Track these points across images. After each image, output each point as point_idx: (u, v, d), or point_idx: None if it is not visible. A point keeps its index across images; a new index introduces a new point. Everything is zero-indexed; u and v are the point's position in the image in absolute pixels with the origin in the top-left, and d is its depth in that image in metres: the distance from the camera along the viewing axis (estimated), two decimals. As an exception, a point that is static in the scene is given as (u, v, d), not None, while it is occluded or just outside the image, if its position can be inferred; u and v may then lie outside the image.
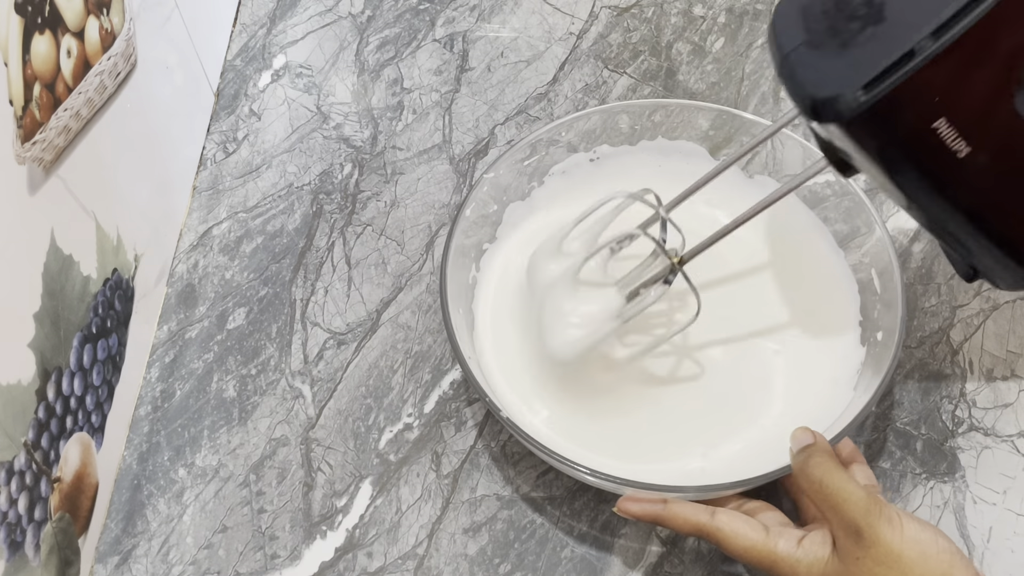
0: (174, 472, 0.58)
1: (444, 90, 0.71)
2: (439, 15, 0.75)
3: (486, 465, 0.57)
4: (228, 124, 0.71)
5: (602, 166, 0.62)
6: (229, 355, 0.61)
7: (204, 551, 0.55)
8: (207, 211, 0.67)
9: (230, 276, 0.64)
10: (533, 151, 0.61)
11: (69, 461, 0.51)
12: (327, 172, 0.68)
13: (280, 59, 0.74)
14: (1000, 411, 0.57)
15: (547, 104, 0.70)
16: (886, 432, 0.56)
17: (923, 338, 0.59)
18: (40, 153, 0.48)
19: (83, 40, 0.52)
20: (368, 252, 0.65)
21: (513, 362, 0.57)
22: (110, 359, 0.56)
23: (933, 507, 0.54)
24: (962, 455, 0.55)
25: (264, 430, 0.59)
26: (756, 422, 0.55)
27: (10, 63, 0.45)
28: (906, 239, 0.63)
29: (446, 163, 0.68)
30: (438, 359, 0.60)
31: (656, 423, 0.55)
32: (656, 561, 0.53)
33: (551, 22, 0.74)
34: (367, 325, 0.62)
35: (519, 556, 0.54)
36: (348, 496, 0.56)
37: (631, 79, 0.71)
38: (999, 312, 0.60)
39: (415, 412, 0.59)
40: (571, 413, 0.55)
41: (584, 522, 0.55)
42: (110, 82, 0.55)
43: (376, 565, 0.54)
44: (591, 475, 0.50)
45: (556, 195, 0.62)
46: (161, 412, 0.60)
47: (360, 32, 0.75)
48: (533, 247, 0.60)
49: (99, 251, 0.54)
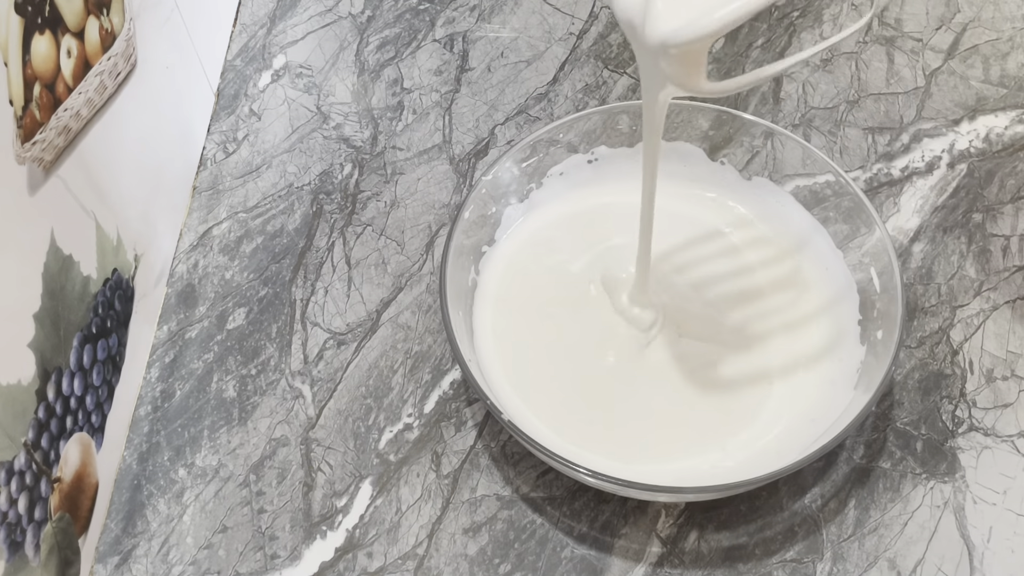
0: (174, 472, 0.58)
1: (444, 90, 0.71)
2: (439, 15, 0.75)
3: (486, 465, 0.57)
4: (228, 124, 0.71)
5: (600, 168, 0.62)
6: (229, 355, 0.61)
7: (204, 551, 0.55)
8: (207, 211, 0.67)
9: (230, 276, 0.64)
10: (533, 151, 0.61)
11: (69, 461, 0.51)
12: (327, 172, 0.68)
13: (280, 59, 0.74)
14: (1000, 411, 0.57)
15: (547, 104, 0.70)
16: (886, 432, 0.56)
17: (923, 338, 0.59)
18: (40, 153, 0.48)
19: (83, 40, 0.52)
20: (368, 252, 0.65)
21: (514, 363, 0.57)
22: (110, 359, 0.56)
23: (933, 507, 0.54)
24: (962, 455, 0.55)
25: (264, 430, 0.59)
26: (755, 422, 0.55)
27: (10, 63, 0.45)
28: (906, 239, 0.63)
29: (446, 163, 0.68)
30: (438, 359, 0.60)
31: (654, 424, 0.55)
32: (656, 561, 0.53)
33: (551, 22, 0.74)
34: (367, 325, 0.62)
35: (519, 556, 0.54)
36: (348, 496, 0.56)
37: (631, 79, 0.71)
38: (999, 312, 0.60)
39: (415, 412, 0.59)
40: (572, 414, 0.55)
41: (584, 522, 0.55)
42: (110, 82, 0.55)
43: (376, 565, 0.54)
44: (592, 476, 0.50)
45: (555, 196, 0.62)
46: (161, 412, 0.60)
47: (360, 32, 0.75)
48: (532, 249, 0.60)
49: (99, 251, 0.54)
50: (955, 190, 0.65)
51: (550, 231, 0.62)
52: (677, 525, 0.54)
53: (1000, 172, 0.65)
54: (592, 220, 0.62)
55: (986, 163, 0.66)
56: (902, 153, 0.66)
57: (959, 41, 0.72)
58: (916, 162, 0.66)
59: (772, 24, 0.73)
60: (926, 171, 0.66)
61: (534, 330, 0.58)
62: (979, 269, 0.62)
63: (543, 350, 0.58)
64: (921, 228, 0.63)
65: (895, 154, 0.66)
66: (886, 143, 0.67)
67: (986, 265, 0.62)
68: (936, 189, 0.65)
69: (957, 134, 0.67)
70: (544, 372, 0.57)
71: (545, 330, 0.58)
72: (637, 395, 0.56)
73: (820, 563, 0.53)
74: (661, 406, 0.56)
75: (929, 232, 0.63)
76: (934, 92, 0.69)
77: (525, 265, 0.60)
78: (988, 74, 0.70)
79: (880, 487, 0.55)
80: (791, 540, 0.54)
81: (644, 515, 0.55)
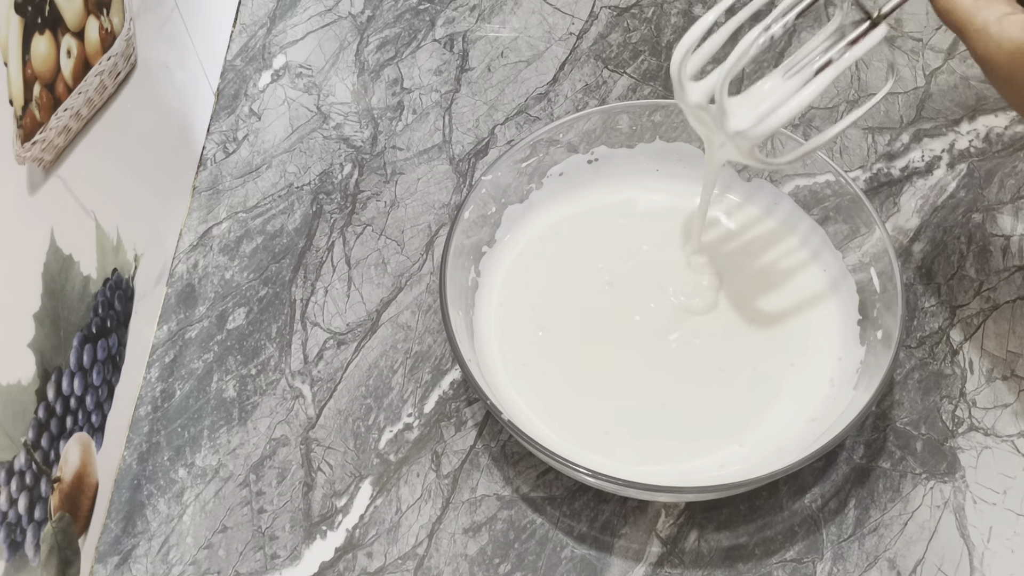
0: (174, 472, 0.58)
1: (444, 90, 0.71)
2: (439, 15, 0.75)
3: (486, 465, 0.57)
4: (228, 124, 0.71)
5: (600, 168, 0.62)
6: (229, 355, 0.61)
7: (204, 551, 0.55)
8: (207, 211, 0.67)
9: (230, 276, 0.64)
10: (533, 151, 0.61)
11: (69, 461, 0.51)
12: (327, 172, 0.68)
13: (280, 59, 0.74)
14: (1000, 411, 0.57)
15: (547, 104, 0.70)
16: (886, 432, 0.56)
17: (923, 338, 0.59)
18: (40, 153, 0.48)
19: (83, 40, 0.52)
20: (368, 252, 0.65)
21: (514, 362, 0.57)
22: (110, 359, 0.56)
23: (933, 507, 0.54)
24: (962, 455, 0.55)
25: (264, 430, 0.59)
26: (754, 422, 0.55)
27: (10, 63, 0.45)
28: (906, 239, 0.63)
29: (446, 163, 0.68)
30: (438, 359, 0.60)
31: (654, 424, 0.55)
32: (656, 561, 0.53)
33: (551, 22, 0.74)
34: (367, 325, 0.62)
35: (519, 556, 0.54)
36: (348, 496, 0.56)
37: (631, 79, 0.71)
38: (999, 312, 0.60)
39: (415, 412, 0.59)
40: (572, 414, 0.55)
41: (584, 522, 0.55)
42: (110, 82, 0.55)
43: (376, 565, 0.54)
44: (592, 476, 0.50)
45: (554, 196, 0.62)
46: (161, 412, 0.60)
47: (360, 32, 0.75)
48: (532, 249, 0.60)
49: (99, 251, 0.54)
50: (955, 190, 0.65)
51: (550, 231, 0.62)
52: (677, 525, 0.54)
53: (1000, 172, 0.65)
54: (592, 220, 0.62)
55: (986, 163, 0.66)
56: (902, 153, 0.66)
57: (959, 41, 0.72)
58: (916, 162, 0.66)
59: (772, 24, 0.73)
60: (926, 171, 0.66)
61: (534, 330, 0.58)
62: (979, 269, 0.62)
63: (543, 350, 0.58)
64: (921, 228, 0.63)
65: (895, 154, 0.66)
66: (886, 143, 0.67)
67: (986, 265, 0.62)
68: (936, 189, 0.65)
69: (957, 134, 0.67)
70: (544, 372, 0.57)
71: (545, 330, 0.58)
72: (637, 395, 0.56)
73: (820, 563, 0.53)
74: (661, 407, 0.56)
75: (929, 232, 0.63)
76: (934, 92, 0.69)
77: (525, 265, 0.60)
78: (988, 74, 0.70)
79: (880, 487, 0.55)
80: (791, 540, 0.54)
81: (644, 515, 0.55)
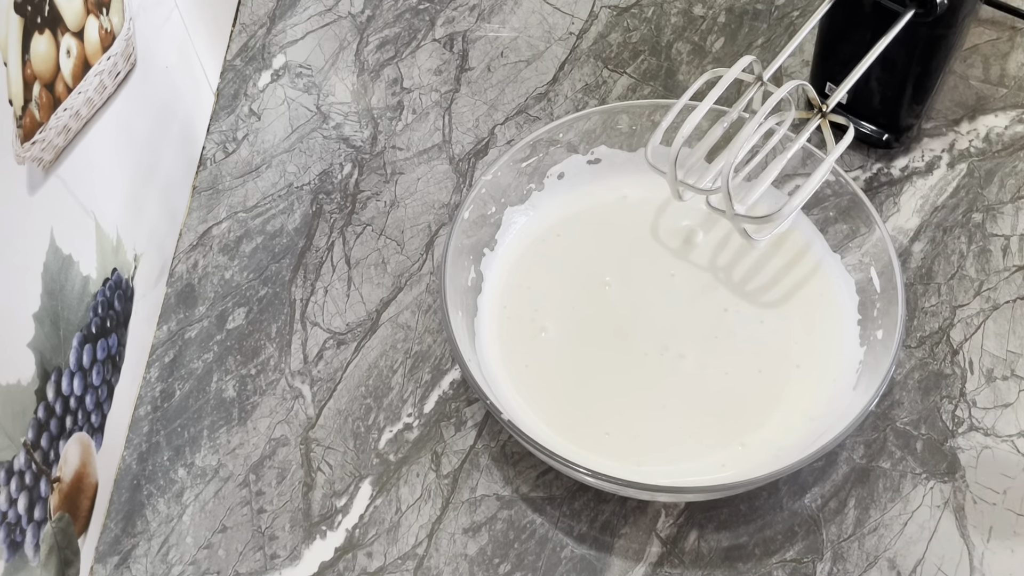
0: (174, 472, 0.58)
1: (444, 90, 0.71)
2: (439, 15, 0.75)
3: (486, 465, 0.57)
4: (228, 124, 0.71)
5: (600, 168, 0.62)
6: (229, 355, 0.61)
7: (204, 551, 0.55)
8: (207, 211, 0.67)
9: (230, 276, 0.64)
10: (533, 151, 0.61)
11: (69, 461, 0.51)
12: (327, 172, 0.68)
13: (280, 59, 0.74)
14: (1000, 411, 0.57)
15: (547, 104, 0.70)
16: (886, 432, 0.56)
17: (923, 338, 0.59)
18: (40, 153, 0.48)
19: (83, 40, 0.52)
20: (368, 252, 0.65)
21: (514, 362, 0.57)
22: (110, 359, 0.56)
23: (933, 507, 0.54)
24: (962, 455, 0.55)
25: (264, 430, 0.59)
26: (756, 423, 0.55)
27: (10, 63, 0.45)
28: (906, 239, 0.63)
29: (446, 163, 0.68)
30: (438, 359, 0.60)
31: (654, 424, 0.55)
32: (656, 561, 0.53)
33: (551, 22, 0.74)
34: (367, 325, 0.62)
35: (519, 556, 0.54)
36: (348, 496, 0.56)
37: (631, 79, 0.71)
38: (999, 312, 0.60)
39: (415, 412, 0.59)
40: (572, 414, 0.55)
41: (584, 522, 0.55)
42: (110, 82, 0.55)
43: (376, 565, 0.54)
44: (592, 476, 0.50)
45: (554, 196, 0.62)
46: (161, 412, 0.60)
47: (360, 32, 0.75)
48: (532, 249, 0.60)
49: (99, 251, 0.54)
50: (955, 190, 0.65)
51: (549, 231, 0.62)
52: (677, 525, 0.54)
53: (1000, 172, 0.65)
54: (592, 220, 0.62)
55: (986, 163, 0.66)
56: (902, 153, 0.66)
57: (959, 41, 0.72)
58: (916, 162, 0.66)
59: (772, 24, 0.73)
60: (926, 171, 0.66)
61: (534, 330, 0.58)
62: (979, 269, 0.62)
63: (545, 351, 0.58)
64: (921, 228, 0.63)
65: (895, 154, 0.66)
66: (886, 143, 0.67)
67: (986, 265, 0.62)
68: (936, 189, 0.65)
69: (957, 134, 0.67)
70: (545, 373, 0.57)
71: (545, 330, 0.58)
72: (637, 396, 0.56)
73: (820, 563, 0.53)
74: (661, 408, 0.56)
75: (929, 232, 0.63)
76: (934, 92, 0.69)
77: (524, 265, 0.60)
78: (988, 74, 0.70)
79: (880, 487, 0.55)
80: (791, 540, 0.54)
81: (644, 515, 0.55)
